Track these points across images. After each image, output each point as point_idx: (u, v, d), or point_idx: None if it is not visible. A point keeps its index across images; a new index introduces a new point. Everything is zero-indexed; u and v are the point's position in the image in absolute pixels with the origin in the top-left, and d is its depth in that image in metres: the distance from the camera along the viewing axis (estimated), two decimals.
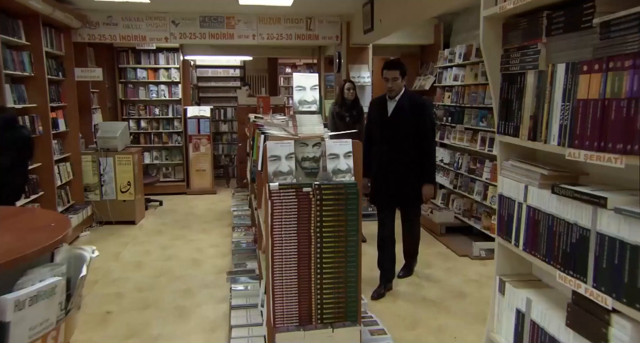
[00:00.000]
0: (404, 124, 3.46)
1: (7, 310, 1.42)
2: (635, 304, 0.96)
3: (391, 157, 3.51)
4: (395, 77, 3.44)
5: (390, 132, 3.50)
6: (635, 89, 0.94)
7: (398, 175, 3.51)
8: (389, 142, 3.52)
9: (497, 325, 1.51)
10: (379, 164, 3.57)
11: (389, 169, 3.52)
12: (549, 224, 1.24)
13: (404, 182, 3.52)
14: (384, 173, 3.55)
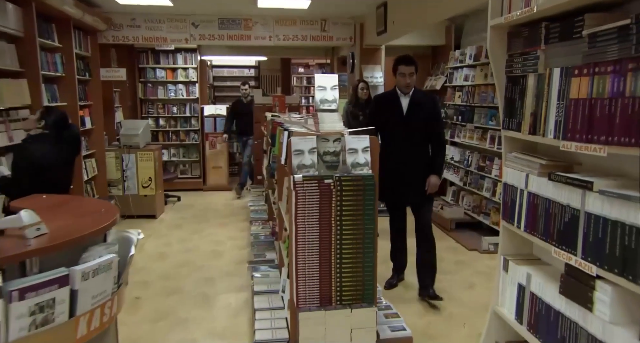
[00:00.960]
0: (420, 119, 3.43)
1: (76, 279, 1.64)
2: (614, 270, 1.15)
3: (408, 154, 3.45)
4: (412, 72, 3.40)
5: (407, 128, 3.44)
6: (615, 90, 1.13)
7: (414, 172, 3.45)
8: (406, 139, 3.45)
9: (501, 299, 1.70)
10: (394, 162, 3.45)
11: (407, 166, 3.45)
12: (546, 207, 1.43)
13: (420, 179, 3.47)
14: (399, 170, 3.47)
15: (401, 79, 3.41)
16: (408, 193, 3.51)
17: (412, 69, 3.40)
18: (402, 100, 3.48)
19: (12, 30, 3.79)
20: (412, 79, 3.41)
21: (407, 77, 3.38)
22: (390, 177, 3.49)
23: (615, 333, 1.17)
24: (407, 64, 3.40)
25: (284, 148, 2.88)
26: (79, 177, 5.13)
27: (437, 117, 3.56)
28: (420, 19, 4.72)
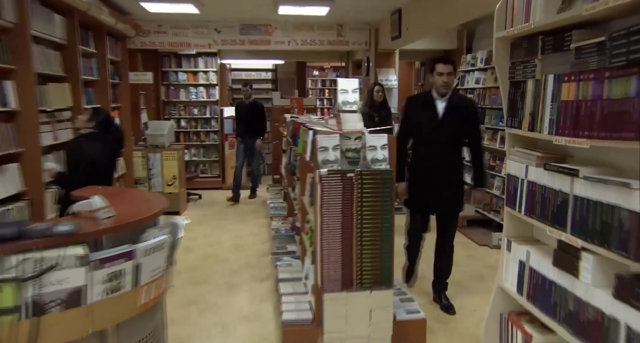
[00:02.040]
0: (457, 125, 3.25)
1: (139, 255, 1.93)
2: (595, 241, 1.41)
3: (442, 161, 3.29)
4: (450, 72, 3.22)
5: (442, 134, 3.27)
6: (595, 94, 1.39)
7: (447, 181, 3.29)
8: (440, 144, 3.28)
9: (505, 276, 1.95)
10: (424, 168, 3.34)
11: (439, 174, 3.29)
12: (542, 193, 1.68)
13: (452, 188, 3.32)
14: (431, 178, 3.31)
15: (439, 78, 3.24)
16: (437, 202, 3.35)
17: (451, 68, 3.22)
18: (438, 104, 3.29)
19: (58, 38, 4.13)
20: (451, 79, 3.24)
21: (445, 76, 3.20)
22: (420, 183, 3.36)
23: (595, 294, 1.42)
24: (445, 62, 3.24)
25: (308, 146, 3.17)
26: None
27: (476, 123, 3.37)
28: (433, 25, 4.97)
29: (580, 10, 1.38)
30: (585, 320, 1.45)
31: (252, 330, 3.26)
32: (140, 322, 2.12)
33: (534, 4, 1.65)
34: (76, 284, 1.74)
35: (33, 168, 3.51)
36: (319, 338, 2.80)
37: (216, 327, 3.30)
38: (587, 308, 1.45)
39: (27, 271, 1.65)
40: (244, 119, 6.97)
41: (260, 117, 7.01)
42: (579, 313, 1.48)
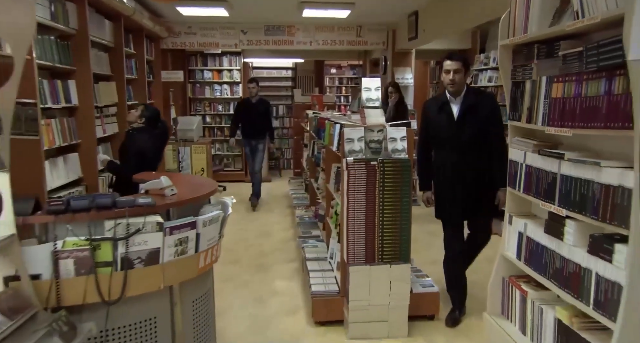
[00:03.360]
0: (475, 125, 3.03)
1: (199, 225, 2.33)
2: (575, 210, 1.76)
3: (462, 165, 3.10)
4: (458, 69, 2.99)
5: (460, 136, 3.06)
6: (576, 93, 1.74)
7: (469, 185, 3.11)
8: (459, 148, 3.09)
9: (507, 246, 2.31)
10: (445, 174, 3.19)
11: (459, 178, 3.12)
12: (537, 174, 2.04)
13: (477, 192, 3.12)
14: (452, 184, 3.17)
15: (445, 76, 3.07)
16: (465, 209, 3.18)
17: (458, 65, 3.00)
18: (453, 105, 3.11)
19: (106, 41, 4.57)
20: (459, 76, 3.00)
21: (451, 73, 3.00)
22: (444, 191, 3.23)
23: (575, 252, 1.78)
24: (452, 59, 3.04)
25: (335, 138, 3.55)
26: None
27: (496, 120, 3.07)
28: (448, 27, 5.31)
29: (564, 26, 1.74)
30: (567, 273, 1.81)
31: (283, 303, 3.66)
32: (198, 283, 2.53)
33: (530, 17, 2.00)
34: (154, 246, 2.15)
35: (89, 157, 3.96)
36: (345, 306, 3.19)
37: (251, 299, 3.71)
38: (569, 264, 1.81)
39: (119, 233, 2.06)
40: (249, 119, 6.41)
41: (267, 117, 6.54)
42: (563, 269, 1.84)
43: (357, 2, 5.72)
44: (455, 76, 3.00)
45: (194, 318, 2.48)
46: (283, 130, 10.36)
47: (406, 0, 5.74)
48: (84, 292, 2.02)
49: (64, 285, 1.99)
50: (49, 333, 1.82)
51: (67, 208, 2.03)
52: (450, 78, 3.02)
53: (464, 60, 3.06)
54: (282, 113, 10.40)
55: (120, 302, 2.09)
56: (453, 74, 3.01)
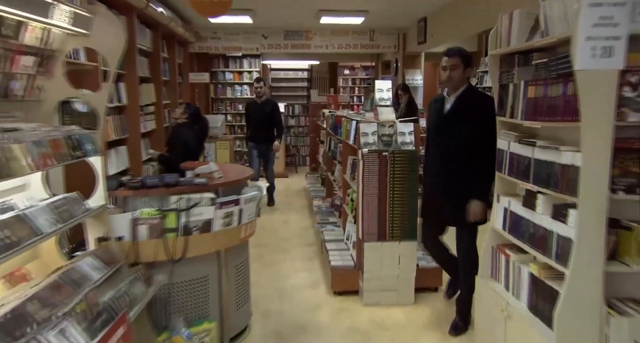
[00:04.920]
0: (462, 125, 2.91)
1: (242, 202, 2.85)
2: (543, 185, 2.25)
3: (444, 166, 3.03)
4: (455, 65, 2.90)
5: (445, 134, 3.00)
6: (544, 94, 2.23)
7: (450, 188, 3.00)
8: (443, 147, 3.03)
9: (495, 220, 2.79)
10: (430, 173, 3.19)
11: (440, 179, 3.06)
12: (517, 159, 2.52)
13: (458, 197, 2.98)
14: (433, 184, 3.15)
15: (442, 72, 3.00)
16: (443, 213, 3.08)
17: (454, 61, 2.91)
18: (448, 102, 3.03)
19: (146, 47, 5.13)
20: (455, 73, 2.91)
21: (448, 70, 2.92)
22: (426, 189, 3.21)
23: (543, 219, 2.26)
24: (447, 54, 2.95)
25: (351, 133, 4.06)
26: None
27: (486, 124, 2.80)
28: (454, 32, 5.78)
29: (534, 42, 2.23)
30: (538, 236, 2.29)
31: (305, 277, 4.18)
32: (239, 251, 3.06)
33: (512, 33, 2.48)
34: (207, 217, 2.68)
35: (135, 150, 4.52)
36: (360, 278, 3.69)
37: (277, 275, 4.23)
38: (539, 229, 2.29)
39: (181, 205, 2.59)
40: (257, 121, 6.09)
41: (275, 118, 6.20)
42: (535, 233, 2.33)
43: (371, 10, 6.22)
44: (451, 73, 2.92)
45: (236, 279, 3.02)
46: (299, 128, 10.89)
47: (416, 8, 6.22)
48: (155, 251, 2.56)
49: (140, 245, 2.54)
50: (135, 279, 2.36)
51: (143, 185, 2.58)
52: (446, 75, 2.95)
53: (463, 56, 2.93)
54: (298, 112, 10.93)
55: (182, 262, 2.63)
56: (450, 70, 2.92)
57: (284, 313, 3.49)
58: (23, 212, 1.86)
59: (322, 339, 3.11)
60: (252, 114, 6.19)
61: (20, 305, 1.72)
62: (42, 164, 1.85)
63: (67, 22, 2.05)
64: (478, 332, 2.91)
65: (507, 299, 2.54)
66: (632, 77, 1.92)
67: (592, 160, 1.95)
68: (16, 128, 1.90)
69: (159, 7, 4.91)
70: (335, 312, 3.52)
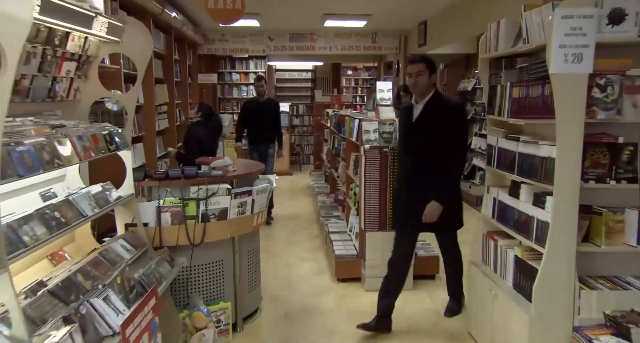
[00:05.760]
0: (430, 132, 2.95)
1: (254, 193, 3.12)
2: (526, 176, 2.51)
3: (416, 173, 3.03)
4: (420, 71, 2.93)
5: (414, 142, 3.02)
6: (526, 94, 2.50)
7: (423, 194, 2.98)
8: (414, 154, 3.05)
9: (486, 209, 3.06)
10: (400, 180, 3.21)
11: (413, 187, 3.04)
12: (505, 153, 2.79)
13: (424, 204, 2.98)
14: (405, 191, 3.12)
15: (409, 79, 3.06)
16: (414, 219, 3.03)
17: (419, 67, 2.94)
18: (415, 108, 3.06)
19: (160, 50, 5.43)
20: (421, 79, 2.95)
21: (413, 77, 2.96)
22: (397, 198, 3.23)
23: (526, 206, 2.52)
24: (412, 62, 3.01)
25: (354, 130, 4.33)
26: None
27: (454, 130, 2.96)
28: (453, 35, 6.04)
29: (517, 48, 2.50)
30: (522, 222, 2.56)
31: (310, 267, 4.46)
32: (251, 238, 3.34)
33: (499, 40, 2.75)
34: (224, 206, 2.96)
35: (150, 147, 4.81)
36: (362, 265, 3.97)
37: (284, 265, 4.51)
38: (522, 215, 2.56)
39: (200, 195, 2.87)
40: (257, 120, 5.76)
41: (276, 118, 5.93)
42: (519, 219, 2.60)
43: (373, 13, 6.49)
44: (417, 79, 2.95)
45: (248, 264, 3.30)
46: (303, 128, 11.17)
47: (417, 11, 6.49)
48: (177, 236, 2.84)
49: (164, 231, 2.82)
50: (161, 259, 2.64)
51: (166, 177, 2.86)
52: (412, 82, 3.00)
53: (427, 62, 2.98)
54: (302, 112, 11.21)
55: (201, 246, 2.91)
56: (415, 76, 2.96)
57: (291, 298, 3.76)
58: (71, 197, 2.14)
59: (327, 320, 3.38)
60: (252, 113, 5.77)
61: (69, 277, 2.01)
62: (86, 156, 2.13)
63: (104, 31, 2.33)
64: (470, 310, 3.18)
65: (495, 280, 2.81)
66: (600, 80, 2.19)
67: (566, 152, 2.23)
68: (62, 124, 2.18)
69: (172, 12, 5.20)
70: (339, 297, 3.79)
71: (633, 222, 2.29)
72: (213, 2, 3.91)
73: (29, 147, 1.77)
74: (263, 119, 5.74)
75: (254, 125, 5.77)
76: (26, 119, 2.05)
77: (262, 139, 5.83)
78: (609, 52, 2.18)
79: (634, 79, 2.19)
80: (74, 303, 1.89)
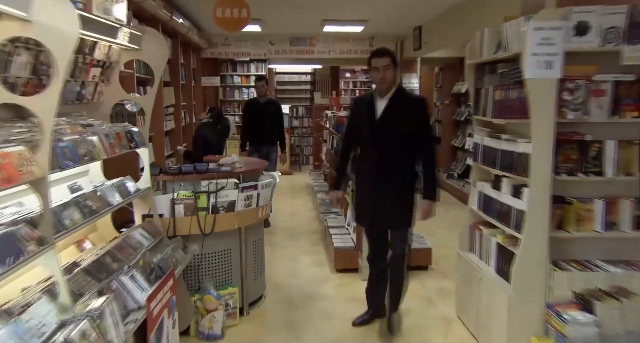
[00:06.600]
0: (398, 126, 2.88)
1: (260, 187, 3.39)
2: (506, 170, 2.79)
3: (382, 169, 2.92)
4: (387, 65, 2.84)
5: (380, 137, 2.90)
6: (506, 96, 2.77)
7: (389, 192, 2.92)
8: (379, 149, 2.92)
9: (472, 201, 3.33)
10: (366, 178, 3.02)
11: (379, 183, 2.93)
12: (489, 151, 3.06)
13: (395, 200, 2.94)
14: (370, 188, 2.99)
15: (374, 73, 2.89)
16: (377, 216, 2.98)
17: (387, 61, 2.85)
18: (378, 103, 2.93)
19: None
20: (389, 73, 2.85)
21: (381, 70, 2.84)
22: (362, 195, 3.09)
23: (507, 198, 2.79)
24: (380, 55, 2.88)
25: None
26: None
27: (423, 124, 2.93)
28: (446, 40, 6.33)
29: (498, 55, 2.78)
30: (503, 212, 2.83)
31: (310, 259, 4.73)
32: (256, 229, 3.60)
33: (483, 47, 3.03)
34: (232, 199, 3.22)
35: (159, 146, 5.07)
36: (359, 257, 4.23)
37: (286, 257, 4.78)
38: (504, 206, 2.83)
39: (211, 188, 3.14)
40: (259, 122, 5.66)
41: (278, 119, 5.86)
42: (501, 209, 2.86)
43: (370, 19, 6.78)
44: (385, 73, 2.85)
45: (254, 254, 3.57)
46: (302, 129, 11.44)
47: (411, 18, 6.77)
48: (189, 226, 3.11)
49: (177, 221, 3.09)
50: (176, 247, 2.91)
51: (180, 172, 3.13)
52: (380, 76, 2.85)
53: (392, 56, 2.91)
54: (302, 114, 11.48)
55: (211, 236, 3.17)
56: (383, 70, 2.85)
57: (293, 287, 4.03)
58: (98, 189, 2.41)
59: (326, 306, 3.64)
60: (253, 115, 5.71)
61: (99, 259, 2.28)
62: (112, 151, 2.40)
63: (126, 40, 2.60)
64: (458, 295, 3.45)
65: (480, 266, 3.08)
66: (568, 84, 2.47)
67: (539, 149, 2.50)
68: (90, 123, 2.45)
69: (179, 19, 5.47)
70: (338, 285, 4.06)
71: (600, 211, 2.56)
72: (221, 11, 4.18)
73: (68, 142, 2.04)
74: (264, 120, 5.66)
75: (254, 126, 5.70)
76: (60, 119, 2.32)
77: (264, 141, 5.72)
78: (576, 60, 2.45)
79: (598, 83, 2.47)
80: (105, 281, 2.16)
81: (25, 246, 1.64)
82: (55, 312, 1.73)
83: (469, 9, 5.73)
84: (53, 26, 1.66)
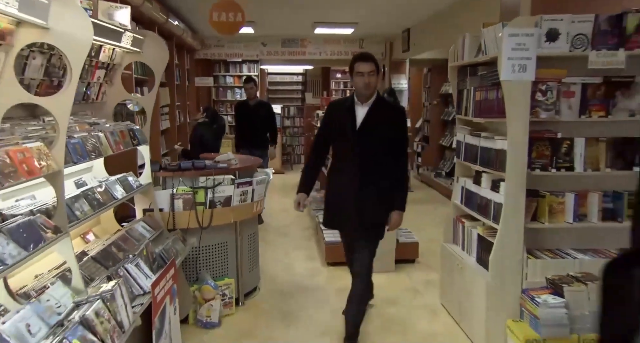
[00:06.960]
0: (379, 136, 2.81)
1: (254, 183, 3.56)
2: (486, 166, 2.99)
3: (362, 179, 2.82)
4: (372, 71, 2.76)
5: (359, 145, 2.81)
6: (485, 97, 2.97)
7: (364, 199, 2.82)
8: (357, 157, 2.83)
9: (456, 196, 3.53)
10: (340, 184, 2.93)
11: (359, 192, 2.82)
12: (470, 148, 3.26)
13: (375, 208, 2.85)
14: (345, 194, 2.88)
15: (359, 79, 2.77)
16: (352, 223, 2.90)
17: (372, 67, 2.76)
18: (359, 110, 2.85)
19: None
20: (373, 79, 2.77)
21: (366, 76, 2.75)
22: (335, 200, 2.98)
23: (487, 191, 3.00)
24: (365, 60, 2.78)
25: None
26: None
27: (401, 134, 2.91)
28: (433, 42, 6.54)
29: (478, 58, 2.98)
30: (483, 205, 3.03)
31: (303, 254, 4.91)
32: (251, 224, 3.78)
33: (465, 51, 3.23)
34: (228, 194, 3.39)
35: (155, 145, 5.22)
36: None
37: (279, 252, 4.95)
38: (484, 199, 3.03)
39: (208, 184, 3.31)
40: (248, 124, 5.60)
41: (270, 121, 5.75)
42: (481, 203, 3.07)
43: (360, 22, 6.97)
44: (370, 79, 2.76)
45: (249, 247, 3.74)
46: (294, 129, 11.61)
47: (400, 20, 6.98)
48: (188, 220, 3.27)
49: (176, 215, 3.25)
50: (176, 239, 3.07)
51: (179, 168, 3.29)
52: (365, 81, 2.76)
53: (377, 62, 2.83)
54: (293, 114, 11.65)
55: (208, 229, 3.34)
56: (367, 76, 2.76)
57: (286, 279, 4.21)
58: (104, 183, 2.57)
59: (317, 296, 3.83)
60: (244, 116, 5.67)
61: (105, 248, 2.44)
62: (117, 148, 2.56)
63: (129, 44, 2.76)
64: (442, 285, 3.65)
65: (463, 256, 3.28)
66: (541, 86, 2.68)
67: (514, 146, 2.70)
68: (96, 122, 2.61)
69: (175, 21, 5.62)
70: (329, 277, 4.25)
71: (571, 203, 2.77)
72: (217, 15, 4.35)
73: (78, 139, 2.20)
74: (255, 122, 5.60)
75: (245, 128, 5.66)
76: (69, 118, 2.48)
77: (255, 145, 5.63)
78: (548, 64, 2.66)
79: (568, 85, 2.68)
80: (112, 268, 2.32)
81: (44, 233, 1.81)
82: (71, 293, 1.90)
83: (455, 13, 5.94)
84: (69, 33, 1.82)
